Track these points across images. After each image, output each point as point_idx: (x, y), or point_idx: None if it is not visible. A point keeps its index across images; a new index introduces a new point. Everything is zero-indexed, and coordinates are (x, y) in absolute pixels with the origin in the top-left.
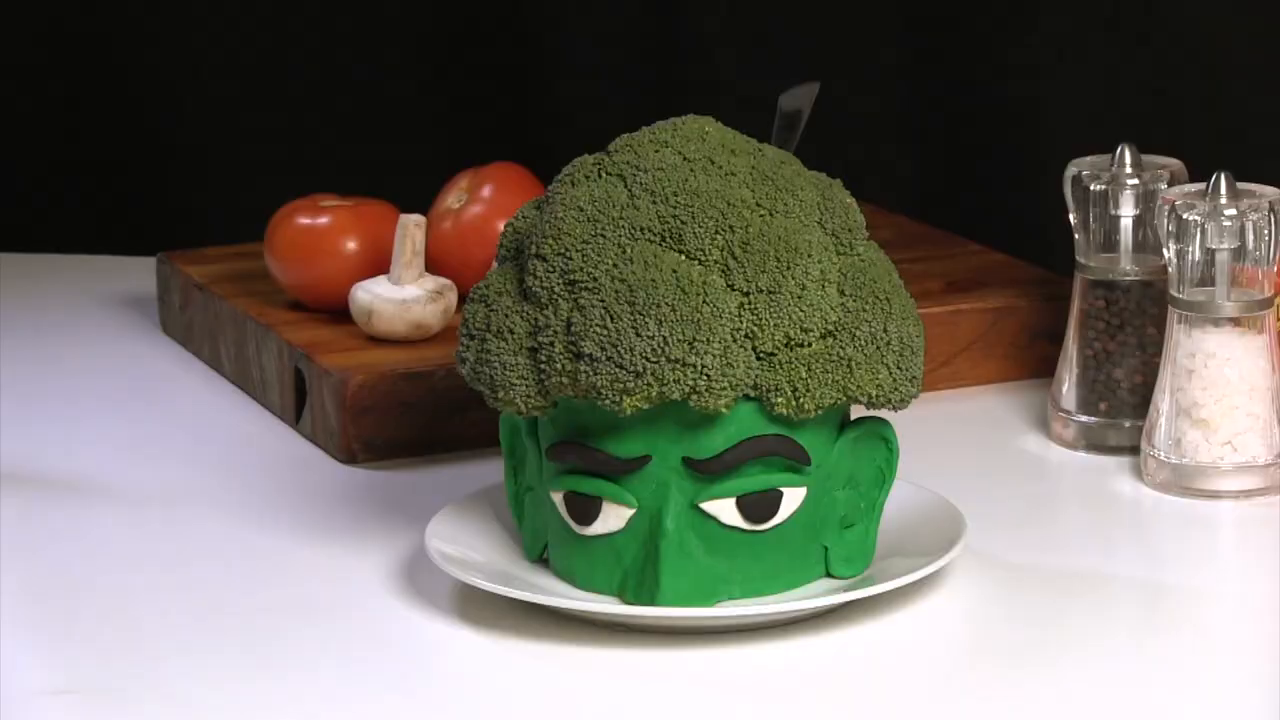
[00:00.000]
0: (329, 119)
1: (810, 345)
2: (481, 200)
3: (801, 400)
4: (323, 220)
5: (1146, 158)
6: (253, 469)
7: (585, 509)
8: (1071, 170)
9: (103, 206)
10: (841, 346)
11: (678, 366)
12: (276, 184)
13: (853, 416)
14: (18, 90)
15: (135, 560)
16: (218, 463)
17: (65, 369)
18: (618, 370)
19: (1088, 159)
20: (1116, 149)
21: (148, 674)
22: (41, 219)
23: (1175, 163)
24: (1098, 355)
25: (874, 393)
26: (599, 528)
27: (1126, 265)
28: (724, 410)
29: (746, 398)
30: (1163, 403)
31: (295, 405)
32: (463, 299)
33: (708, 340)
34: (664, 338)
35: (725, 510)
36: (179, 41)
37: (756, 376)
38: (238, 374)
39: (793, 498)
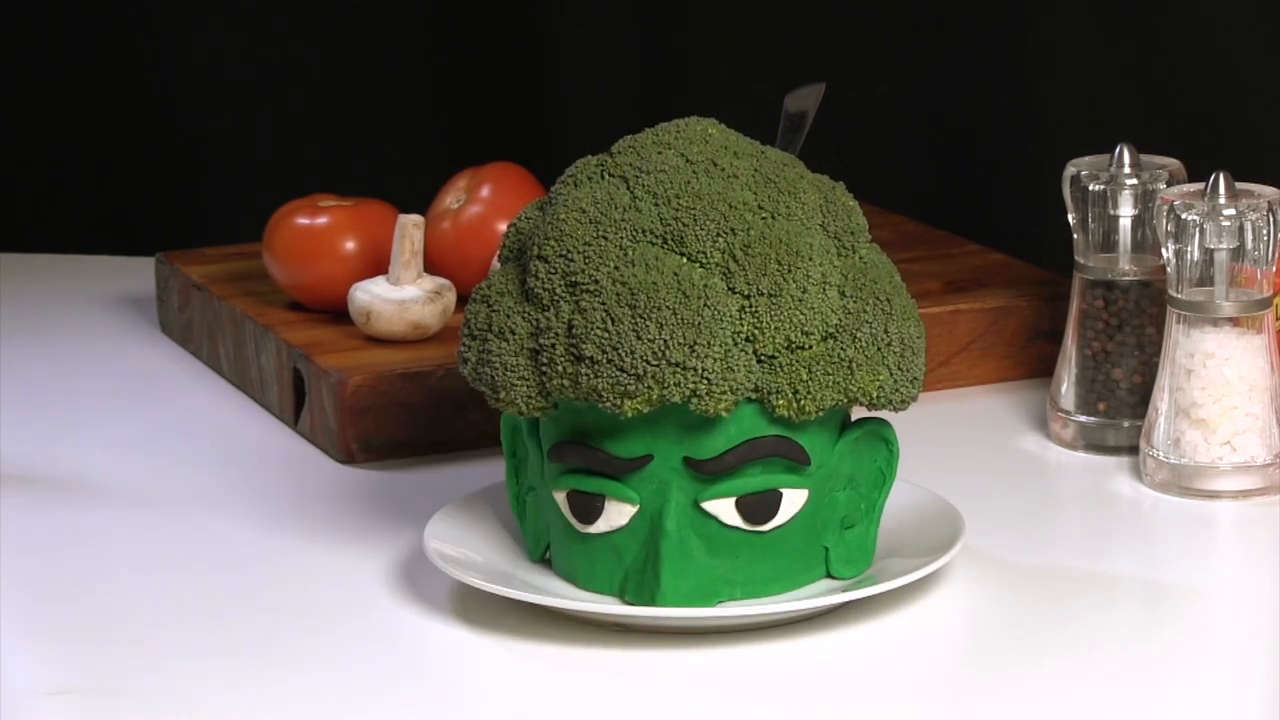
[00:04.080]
0: (329, 119)
1: (811, 348)
2: (480, 200)
3: (802, 402)
4: (321, 220)
5: (1145, 158)
6: (251, 469)
7: (588, 507)
8: (1070, 170)
9: (101, 206)
10: (842, 348)
11: (678, 370)
12: (276, 184)
13: (853, 417)
14: (17, 90)
15: (135, 560)
16: (216, 463)
17: (65, 369)
18: (618, 373)
19: (1086, 159)
20: (1115, 149)
21: (148, 674)
22: (40, 219)
23: (1174, 163)
24: (1096, 355)
25: (875, 394)
26: (602, 525)
27: (1125, 265)
28: (724, 414)
29: (747, 399)
30: (1161, 403)
31: (294, 405)
32: (461, 299)
33: (708, 344)
34: (665, 341)
35: (726, 511)
36: (178, 41)
37: (757, 379)
38: (236, 374)
39: (793, 499)
